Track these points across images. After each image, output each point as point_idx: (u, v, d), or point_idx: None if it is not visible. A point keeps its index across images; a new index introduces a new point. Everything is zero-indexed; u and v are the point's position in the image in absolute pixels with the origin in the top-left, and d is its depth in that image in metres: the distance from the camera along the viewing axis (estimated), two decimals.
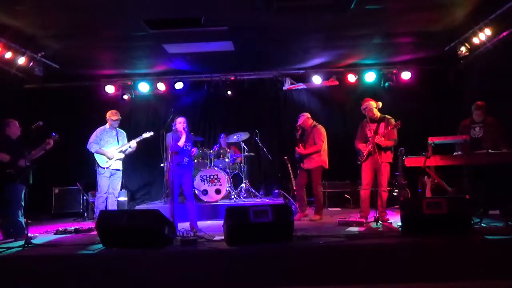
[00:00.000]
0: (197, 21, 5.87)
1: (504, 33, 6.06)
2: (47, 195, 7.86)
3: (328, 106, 8.67)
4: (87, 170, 6.80)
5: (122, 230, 4.33)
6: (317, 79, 8.32)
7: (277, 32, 6.50)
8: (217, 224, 5.26)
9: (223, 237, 4.55)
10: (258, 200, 7.38)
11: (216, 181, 7.26)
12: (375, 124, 5.73)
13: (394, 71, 8.22)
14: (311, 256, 4.06)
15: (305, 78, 8.51)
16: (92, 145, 6.17)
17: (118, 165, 6.30)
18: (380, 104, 5.80)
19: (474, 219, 4.70)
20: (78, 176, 7.64)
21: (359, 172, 5.85)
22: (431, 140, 5.70)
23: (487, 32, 6.13)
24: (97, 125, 6.40)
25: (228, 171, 7.67)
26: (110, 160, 6.17)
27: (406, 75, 8.16)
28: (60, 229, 5.76)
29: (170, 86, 8.47)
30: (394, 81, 8.21)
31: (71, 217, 7.58)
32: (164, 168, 7.20)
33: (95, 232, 4.76)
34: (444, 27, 6.36)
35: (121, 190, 7.96)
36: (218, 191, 7.24)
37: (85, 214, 7.55)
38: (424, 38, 6.81)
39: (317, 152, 6.23)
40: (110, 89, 8.46)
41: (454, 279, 3.81)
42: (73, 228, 5.79)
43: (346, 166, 7.51)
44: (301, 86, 8.58)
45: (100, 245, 4.43)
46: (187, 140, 5.69)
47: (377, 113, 5.83)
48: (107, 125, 6.33)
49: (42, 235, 5.59)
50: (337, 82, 8.39)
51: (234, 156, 7.98)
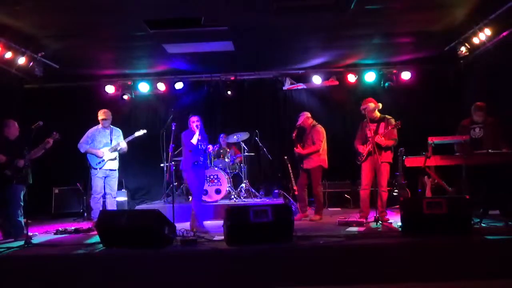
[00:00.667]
0: (197, 21, 5.87)
1: (504, 33, 6.06)
2: (47, 195, 7.86)
3: (328, 106, 8.65)
4: (87, 170, 6.78)
5: (122, 230, 4.34)
6: (317, 79, 8.32)
7: (277, 32, 6.49)
8: (217, 224, 5.25)
9: (223, 237, 4.55)
10: (258, 200, 7.38)
11: (216, 181, 7.26)
12: (375, 124, 5.73)
13: (394, 71, 8.22)
14: (311, 256, 4.06)
15: (305, 78, 8.51)
16: (82, 145, 6.09)
17: (112, 165, 6.16)
18: (380, 106, 5.80)
19: (474, 219, 4.70)
20: (78, 176, 7.63)
21: (359, 172, 5.86)
22: (431, 140, 5.70)
23: (487, 32, 6.13)
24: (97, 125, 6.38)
25: (228, 171, 7.67)
26: (103, 161, 6.05)
27: (406, 75, 8.17)
28: (60, 229, 5.76)
29: (170, 86, 8.46)
30: (394, 81, 8.21)
31: (71, 217, 7.58)
32: (164, 168, 7.25)
33: (95, 232, 4.77)
34: (444, 27, 6.36)
35: (121, 190, 7.99)
36: (218, 191, 7.25)
37: (85, 214, 7.54)
38: (424, 38, 6.81)
39: (316, 152, 6.23)
40: (110, 89, 8.46)
41: (454, 279, 3.81)
42: (73, 228, 5.80)
43: (346, 166, 7.50)
44: (301, 86, 8.58)
45: (100, 245, 4.43)
46: (202, 139, 5.62)
47: (377, 114, 5.83)
48: (100, 125, 6.25)
49: (42, 235, 5.59)
50: (337, 82, 8.39)
51: (234, 156, 7.98)
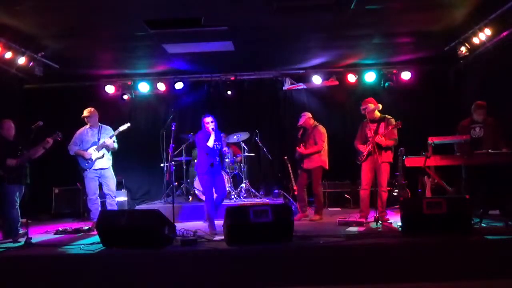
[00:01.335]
0: (197, 21, 5.86)
1: (504, 33, 6.05)
2: (47, 195, 7.85)
3: (328, 106, 8.65)
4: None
5: (122, 230, 4.34)
6: (317, 79, 8.31)
7: (277, 32, 6.49)
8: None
9: (223, 237, 4.55)
10: (258, 200, 7.37)
11: None
12: (375, 124, 5.73)
13: (394, 71, 8.21)
14: (311, 256, 4.06)
15: (305, 78, 8.49)
16: (71, 147, 5.99)
17: (103, 164, 5.97)
18: (380, 106, 5.80)
19: (474, 219, 4.70)
20: (78, 176, 7.61)
21: (359, 172, 5.85)
22: (431, 140, 5.70)
23: (487, 32, 6.12)
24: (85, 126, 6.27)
25: (228, 171, 7.66)
26: (91, 160, 5.91)
27: (406, 75, 8.15)
28: (60, 229, 5.77)
29: (170, 86, 8.45)
30: (394, 81, 8.19)
31: (71, 217, 7.59)
32: (164, 168, 7.24)
33: (95, 232, 4.78)
34: (444, 27, 6.35)
35: (121, 190, 7.99)
36: None
37: (85, 214, 7.54)
38: (424, 38, 6.80)
39: (318, 152, 6.23)
40: (110, 89, 8.45)
41: (454, 279, 3.81)
42: (73, 228, 5.80)
43: (346, 166, 7.49)
44: (301, 86, 8.56)
45: (100, 245, 4.43)
46: (217, 139, 5.57)
47: (377, 114, 5.83)
48: (88, 125, 6.11)
49: (42, 235, 5.59)
50: (337, 82, 8.38)
51: (234, 156, 7.98)
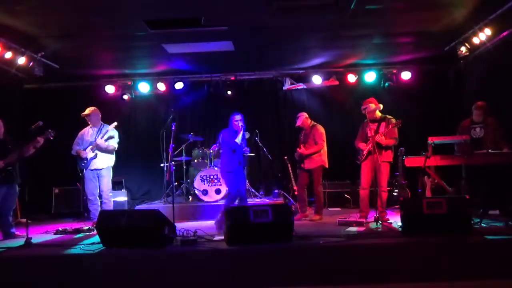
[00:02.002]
0: (197, 21, 5.86)
1: (504, 33, 6.06)
2: (47, 195, 7.85)
3: (328, 106, 8.64)
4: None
5: (122, 230, 4.33)
6: (317, 79, 8.31)
7: (277, 32, 6.48)
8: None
9: (223, 237, 4.55)
10: (258, 200, 7.38)
11: (216, 181, 7.25)
12: (376, 124, 5.73)
13: (394, 71, 8.21)
14: (311, 256, 4.06)
15: (305, 78, 8.49)
16: (73, 147, 6.06)
17: (97, 164, 5.98)
18: (381, 106, 5.80)
19: (474, 219, 4.70)
20: (78, 176, 7.60)
21: (359, 172, 5.85)
22: (431, 140, 5.71)
23: (487, 32, 6.12)
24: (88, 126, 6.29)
25: None
26: (86, 160, 5.94)
27: (406, 75, 8.15)
28: (60, 229, 5.75)
29: (170, 86, 8.45)
30: (394, 81, 8.19)
31: (71, 217, 7.57)
32: (164, 168, 7.24)
33: (95, 232, 4.77)
34: (444, 27, 6.35)
35: (121, 190, 7.99)
36: (218, 191, 7.23)
37: (85, 214, 7.53)
38: (424, 38, 6.80)
39: (318, 152, 6.23)
40: (110, 89, 8.45)
41: (454, 279, 3.81)
42: (73, 228, 5.79)
43: (346, 166, 7.50)
44: (301, 86, 8.57)
45: (100, 245, 4.43)
46: (243, 138, 5.58)
47: (378, 114, 5.82)
48: (90, 125, 6.17)
49: (42, 235, 5.59)
50: (337, 82, 8.38)
51: None
